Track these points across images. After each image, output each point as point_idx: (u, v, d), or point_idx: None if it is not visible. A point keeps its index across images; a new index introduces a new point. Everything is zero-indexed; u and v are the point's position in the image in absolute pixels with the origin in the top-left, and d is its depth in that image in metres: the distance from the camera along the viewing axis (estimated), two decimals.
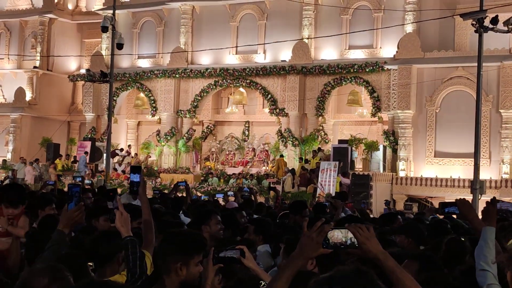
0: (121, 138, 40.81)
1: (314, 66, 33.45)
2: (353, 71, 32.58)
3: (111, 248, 4.81)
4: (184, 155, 37.33)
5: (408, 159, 30.87)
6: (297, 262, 3.29)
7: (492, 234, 4.41)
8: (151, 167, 36.51)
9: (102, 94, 39.03)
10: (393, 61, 31.63)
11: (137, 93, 39.79)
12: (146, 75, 38.05)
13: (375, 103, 32.28)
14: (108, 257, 4.81)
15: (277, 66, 34.29)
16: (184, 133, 37.48)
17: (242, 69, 35.22)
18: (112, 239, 4.86)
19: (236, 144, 38.11)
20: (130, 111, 41.28)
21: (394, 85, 31.38)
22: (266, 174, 32.98)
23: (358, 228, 3.16)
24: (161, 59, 38.84)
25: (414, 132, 31.04)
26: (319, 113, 33.67)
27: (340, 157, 29.63)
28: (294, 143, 33.72)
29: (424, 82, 30.86)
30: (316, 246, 3.21)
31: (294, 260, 3.30)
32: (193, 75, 36.83)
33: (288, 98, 34.14)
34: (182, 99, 37.54)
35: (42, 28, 43.83)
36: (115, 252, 4.79)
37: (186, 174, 34.02)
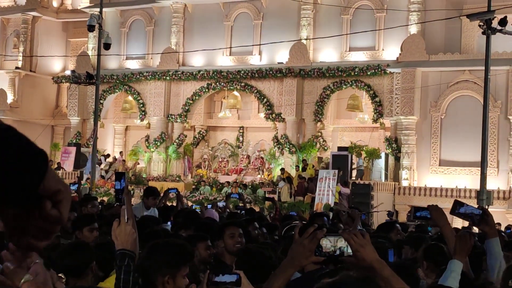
0: (108, 143, 40.74)
1: (313, 68, 33.46)
2: (354, 74, 32.60)
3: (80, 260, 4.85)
4: (175, 162, 37.28)
5: (411, 168, 30.87)
6: (288, 270, 3.32)
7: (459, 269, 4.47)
8: (140, 175, 36.45)
9: (88, 97, 38.96)
10: (396, 64, 31.65)
11: (125, 96, 39.73)
12: (134, 77, 38.02)
13: (376, 108, 32.29)
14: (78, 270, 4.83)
15: (273, 69, 34.29)
16: (175, 138, 37.43)
17: (236, 72, 35.21)
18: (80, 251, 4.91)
19: (229, 151, 38.08)
20: (118, 115, 41.21)
21: (397, 89, 31.39)
22: (261, 182, 32.95)
23: (353, 235, 3.13)
24: (151, 60, 38.82)
25: (418, 139, 31.05)
26: (318, 118, 33.66)
27: (340, 165, 29.60)
28: (291, 150, 33.70)
29: (428, 86, 30.89)
30: (308, 253, 3.23)
31: (285, 269, 3.32)
32: (185, 78, 36.81)
33: (285, 103, 34.13)
34: (172, 102, 37.51)
35: (25, 26, 43.78)
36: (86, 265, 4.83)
37: (177, 182, 33.94)
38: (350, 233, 3.15)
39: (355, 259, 3.12)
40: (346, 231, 3.21)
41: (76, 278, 4.86)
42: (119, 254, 4.10)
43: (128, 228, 4.13)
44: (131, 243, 4.12)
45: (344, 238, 3.14)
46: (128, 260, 4.07)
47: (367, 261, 3.11)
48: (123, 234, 4.11)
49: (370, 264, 3.12)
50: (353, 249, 3.11)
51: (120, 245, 4.12)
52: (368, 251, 3.13)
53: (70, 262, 4.82)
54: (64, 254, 4.94)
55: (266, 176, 35.00)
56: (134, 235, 4.13)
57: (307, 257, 3.24)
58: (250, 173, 35.75)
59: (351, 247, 3.11)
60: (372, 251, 3.14)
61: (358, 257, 3.11)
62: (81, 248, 4.83)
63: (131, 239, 4.12)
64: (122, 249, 4.10)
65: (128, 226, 4.14)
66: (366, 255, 3.11)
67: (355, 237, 3.13)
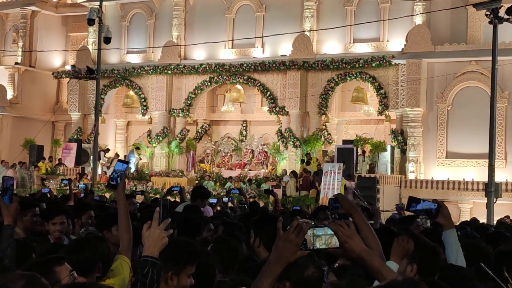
0: (109, 139, 40.75)
1: (317, 61, 33.41)
2: (358, 66, 32.54)
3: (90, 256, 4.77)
4: (177, 157, 37.27)
5: (417, 161, 30.84)
6: (275, 268, 3.19)
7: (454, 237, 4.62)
8: (142, 170, 36.45)
9: (88, 92, 38.94)
10: (401, 55, 31.59)
11: (126, 90, 39.72)
12: (135, 71, 38.00)
13: (382, 101, 32.25)
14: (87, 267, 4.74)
15: (276, 61, 34.24)
16: (177, 133, 37.43)
17: (239, 65, 35.17)
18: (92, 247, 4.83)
19: (232, 145, 38.07)
20: (119, 110, 41.21)
21: (402, 81, 31.34)
22: (265, 177, 32.93)
23: (339, 226, 3.12)
24: (152, 54, 38.79)
25: (424, 132, 31.01)
26: (322, 111, 33.63)
27: (345, 158, 29.58)
28: (295, 144, 33.67)
29: (434, 77, 30.83)
30: (295, 249, 3.12)
31: (272, 267, 3.19)
32: (187, 71, 36.78)
33: (289, 96, 34.09)
34: (174, 97, 37.49)
35: (24, 21, 43.76)
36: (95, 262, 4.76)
37: (179, 178, 33.96)
38: (337, 224, 3.13)
39: (342, 251, 3.13)
40: (331, 221, 3.16)
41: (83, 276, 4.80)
42: (143, 261, 3.88)
43: (157, 233, 3.87)
44: (159, 249, 3.89)
45: (331, 229, 3.11)
46: (149, 269, 3.84)
47: (355, 251, 3.13)
48: (151, 238, 3.87)
49: (359, 255, 3.14)
50: (341, 240, 3.09)
51: (146, 251, 3.88)
52: (356, 241, 3.13)
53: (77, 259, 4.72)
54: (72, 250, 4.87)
55: (270, 170, 34.98)
56: (164, 240, 3.89)
57: (293, 252, 3.14)
58: (254, 168, 35.73)
59: (338, 238, 3.09)
60: (360, 241, 3.15)
61: (347, 248, 3.12)
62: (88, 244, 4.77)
63: (160, 244, 3.87)
64: (146, 256, 3.86)
65: (158, 230, 3.88)
66: (354, 245, 3.12)
67: (342, 228, 3.12)
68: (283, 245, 3.15)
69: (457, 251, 4.76)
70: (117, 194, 5.00)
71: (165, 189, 30.14)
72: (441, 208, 4.71)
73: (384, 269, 3.13)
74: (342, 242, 3.09)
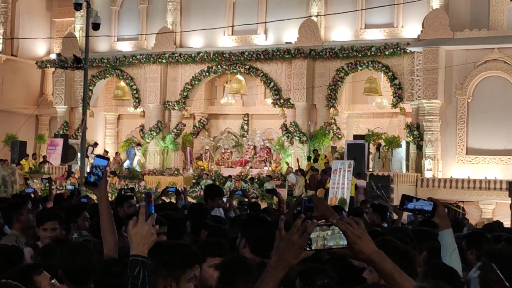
0: (98, 134, 40.79)
1: (325, 48, 33.42)
2: (370, 54, 32.56)
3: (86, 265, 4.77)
4: (173, 153, 37.31)
5: (435, 157, 30.85)
6: (277, 273, 3.12)
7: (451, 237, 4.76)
8: (134, 169, 36.49)
9: (75, 83, 38.98)
10: (417, 42, 31.59)
11: (116, 81, 39.75)
12: (127, 60, 38.01)
13: (396, 92, 32.26)
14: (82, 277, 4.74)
15: (281, 49, 34.26)
16: (173, 128, 37.46)
17: (239, 53, 35.18)
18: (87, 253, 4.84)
19: (233, 141, 38.10)
20: (109, 102, 41.26)
21: (418, 71, 31.35)
22: (268, 175, 32.97)
23: (348, 225, 3.07)
24: (145, 42, 38.80)
25: (442, 126, 31.01)
26: (331, 103, 33.65)
27: (356, 155, 29.59)
28: (301, 139, 33.70)
29: (453, 66, 30.82)
30: (298, 251, 3.05)
31: (273, 272, 3.12)
32: (183, 60, 36.79)
33: (294, 87, 34.11)
34: (169, 88, 37.52)
35: (4, 6, 43.77)
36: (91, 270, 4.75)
37: (175, 176, 33.97)
38: (345, 223, 3.08)
39: (351, 252, 3.09)
40: (339, 219, 3.11)
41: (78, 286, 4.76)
42: (131, 261, 3.80)
43: (146, 229, 3.81)
44: (148, 247, 3.82)
45: (339, 228, 3.05)
46: (139, 269, 3.76)
47: (365, 253, 3.09)
48: (140, 235, 3.80)
49: (369, 257, 3.10)
50: (349, 240, 3.05)
51: (134, 249, 3.80)
52: (366, 242, 3.09)
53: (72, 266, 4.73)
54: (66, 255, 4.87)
55: (273, 168, 35.01)
56: (153, 237, 3.83)
57: (297, 255, 3.07)
58: (256, 165, 35.76)
59: (347, 238, 3.05)
60: (370, 241, 3.10)
61: (355, 250, 3.08)
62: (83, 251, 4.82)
63: (149, 242, 3.81)
64: (135, 255, 3.79)
65: (146, 226, 3.81)
66: (364, 246, 3.08)
67: (351, 227, 3.08)
68: (285, 247, 3.08)
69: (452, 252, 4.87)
70: (99, 193, 4.99)
71: (159, 189, 30.19)
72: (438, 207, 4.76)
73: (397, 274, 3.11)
74: (350, 242, 3.05)
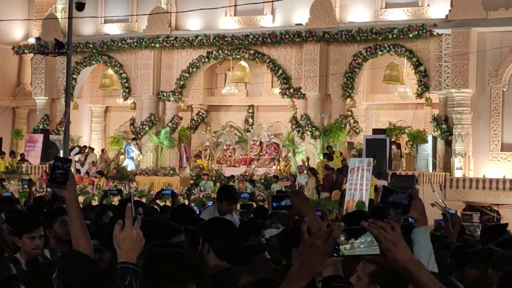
0: (84, 129, 40.79)
1: (340, 31, 33.35)
2: (392, 37, 32.50)
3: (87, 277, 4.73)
4: (168, 151, 37.30)
5: (466, 154, 30.78)
6: (298, 282, 3.15)
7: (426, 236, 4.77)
8: (124, 168, 36.47)
9: (57, 70, 38.98)
10: (445, 23, 31.51)
11: (104, 69, 39.76)
12: (115, 45, 37.98)
13: (421, 80, 32.20)
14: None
15: (290, 32, 34.20)
16: (168, 122, 37.44)
17: (243, 36, 35.14)
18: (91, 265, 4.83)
19: (236, 136, 38.08)
20: (95, 93, 41.26)
21: (446, 56, 31.28)
22: (275, 176, 32.91)
23: (382, 229, 3.08)
24: (136, 24, 38.77)
25: (474, 118, 30.93)
26: (347, 93, 33.60)
27: (376, 151, 29.54)
28: (313, 134, 33.66)
29: (487, 51, 30.75)
30: (322, 257, 3.08)
31: (294, 280, 3.16)
32: (179, 45, 36.76)
33: (306, 74, 34.07)
34: (164, 76, 37.49)
35: None
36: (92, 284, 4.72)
37: (170, 177, 33.96)
38: (378, 226, 3.08)
39: (384, 260, 3.09)
40: (371, 222, 3.10)
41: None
42: (120, 269, 3.89)
43: (135, 233, 3.91)
44: (137, 253, 3.93)
45: (371, 233, 3.06)
46: (131, 278, 3.85)
47: (400, 262, 3.09)
48: (129, 241, 3.90)
49: (404, 266, 3.10)
50: (382, 247, 3.06)
51: (123, 256, 3.90)
52: (402, 249, 3.10)
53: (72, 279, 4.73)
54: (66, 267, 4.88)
55: (282, 167, 34.96)
56: (142, 242, 3.94)
57: (321, 262, 3.09)
58: (263, 164, 35.72)
59: (380, 244, 3.06)
60: (407, 249, 3.12)
61: (389, 257, 3.08)
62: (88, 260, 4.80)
63: (138, 247, 3.92)
64: (125, 262, 3.89)
65: (135, 230, 3.91)
66: (399, 254, 3.09)
67: (385, 232, 3.08)
68: (307, 252, 3.10)
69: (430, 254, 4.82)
70: (68, 194, 4.93)
71: (152, 191, 30.17)
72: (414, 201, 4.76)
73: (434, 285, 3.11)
74: (383, 249, 3.04)
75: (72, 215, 4.99)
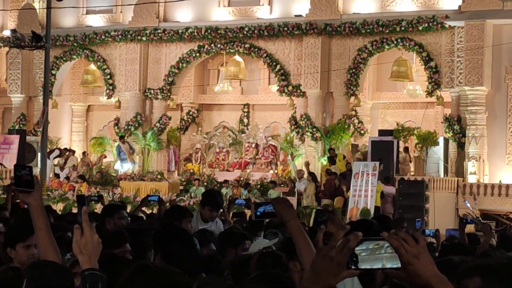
0: (63, 129, 40.73)
1: (343, 23, 33.36)
2: (400, 30, 32.51)
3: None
4: (155, 154, 37.26)
5: (480, 158, 30.79)
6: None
7: None
8: (107, 172, 36.43)
9: (35, 66, 38.94)
10: (458, 14, 31.54)
11: (85, 64, 39.74)
12: (98, 38, 37.96)
13: (431, 77, 32.21)
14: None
15: (289, 24, 34.21)
16: (155, 122, 37.42)
17: (238, 29, 35.14)
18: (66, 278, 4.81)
19: (230, 138, 38.03)
20: (76, 90, 41.23)
21: (459, 50, 31.30)
22: (273, 181, 32.89)
23: (403, 241, 3.08)
24: (120, 15, 38.78)
25: (489, 118, 30.94)
26: (351, 91, 33.60)
27: (382, 155, 29.52)
28: (314, 136, 33.64)
29: (503, 45, 30.78)
30: (338, 269, 3.07)
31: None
32: (167, 38, 36.75)
33: (306, 70, 34.07)
34: (151, 72, 37.49)
35: None
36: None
37: (158, 182, 33.93)
38: (399, 238, 3.08)
39: (405, 274, 3.07)
40: (393, 233, 3.11)
41: None
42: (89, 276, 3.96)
43: (96, 238, 4.02)
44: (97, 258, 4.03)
45: (391, 245, 3.06)
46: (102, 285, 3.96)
47: (423, 277, 3.08)
48: (90, 246, 4.00)
49: (427, 282, 3.08)
50: (403, 260, 3.05)
51: (87, 263, 3.97)
52: (425, 263, 3.08)
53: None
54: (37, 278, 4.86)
55: (280, 171, 34.94)
56: (101, 246, 4.05)
57: (336, 273, 3.07)
58: (259, 168, 35.70)
59: (400, 257, 3.05)
60: (430, 262, 3.10)
61: (410, 272, 3.07)
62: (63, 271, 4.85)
63: (98, 252, 4.03)
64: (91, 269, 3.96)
65: (95, 234, 4.01)
66: (422, 268, 3.07)
67: (407, 244, 3.07)
68: (321, 263, 3.09)
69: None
70: (34, 201, 4.90)
71: (138, 197, 30.11)
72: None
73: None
74: (404, 262, 3.04)
75: (38, 224, 4.93)
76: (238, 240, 8.28)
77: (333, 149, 32.88)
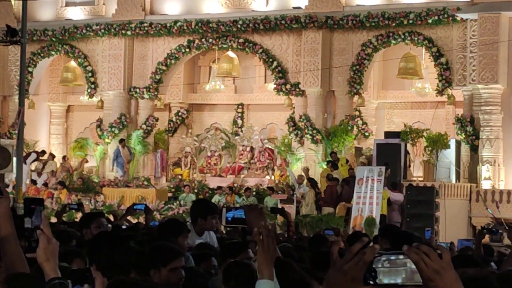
0: (41, 131, 40.70)
1: (346, 16, 33.40)
2: (408, 23, 32.56)
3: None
4: (141, 158, 37.26)
5: (495, 162, 30.82)
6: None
7: None
8: (89, 178, 36.42)
9: (10, 62, 38.94)
10: (471, 6, 31.58)
11: (65, 61, 39.74)
12: (79, 32, 37.96)
13: (442, 74, 32.25)
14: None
15: (286, 17, 34.24)
16: (141, 123, 37.42)
17: (231, 22, 35.16)
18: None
19: (223, 141, 38.03)
20: (55, 89, 41.21)
21: (472, 45, 31.34)
22: (270, 187, 32.89)
23: (424, 255, 3.06)
24: (103, 7, 38.76)
25: (505, 119, 30.99)
26: (354, 90, 33.63)
27: (389, 159, 29.54)
28: (314, 138, 33.65)
29: None
30: (352, 284, 3.11)
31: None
32: (154, 32, 36.77)
33: (305, 67, 34.09)
34: (137, 70, 37.52)
35: None
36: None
37: (145, 188, 33.96)
38: (420, 252, 3.06)
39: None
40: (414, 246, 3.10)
41: None
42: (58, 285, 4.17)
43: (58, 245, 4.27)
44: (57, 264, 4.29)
45: (411, 259, 3.06)
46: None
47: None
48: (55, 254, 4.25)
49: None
50: (424, 275, 3.04)
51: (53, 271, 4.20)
52: (449, 280, 3.07)
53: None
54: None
55: (277, 177, 34.95)
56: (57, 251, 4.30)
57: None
58: (254, 174, 35.71)
59: (420, 272, 3.05)
60: (455, 280, 3.10)
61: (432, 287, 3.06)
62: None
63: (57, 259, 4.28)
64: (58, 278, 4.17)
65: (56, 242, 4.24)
66: (444, 286, 3.06)
67: (428, 259, 3.05)
68: (335, 277, 3.14)
69: None
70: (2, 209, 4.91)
71: (123, 205, 30.11)
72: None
73: None
74: (425, 278, 3.04)
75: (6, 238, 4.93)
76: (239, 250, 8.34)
77: (335, 152, 32.89)
